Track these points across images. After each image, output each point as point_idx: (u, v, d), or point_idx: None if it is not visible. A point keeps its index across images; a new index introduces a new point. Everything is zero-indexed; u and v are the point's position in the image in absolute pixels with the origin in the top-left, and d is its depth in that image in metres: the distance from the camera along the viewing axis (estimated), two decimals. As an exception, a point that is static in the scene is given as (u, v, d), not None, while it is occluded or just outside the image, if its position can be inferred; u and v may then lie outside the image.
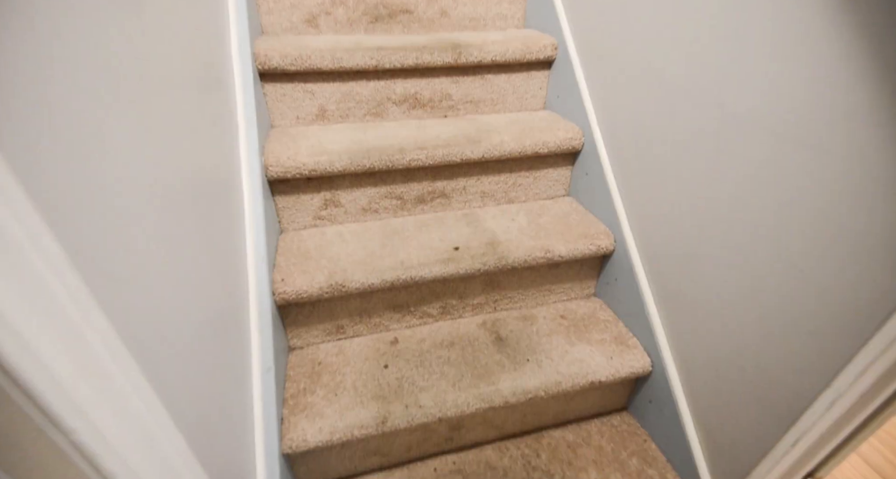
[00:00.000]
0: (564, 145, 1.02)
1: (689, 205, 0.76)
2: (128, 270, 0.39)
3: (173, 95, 0.55)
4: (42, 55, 0.32)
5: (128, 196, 0.41)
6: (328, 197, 0.99)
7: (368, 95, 1.06)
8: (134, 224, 0.41)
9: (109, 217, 0.37)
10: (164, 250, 0.46)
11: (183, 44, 0.60)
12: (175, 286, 0.47)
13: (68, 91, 0.35)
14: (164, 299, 0.44)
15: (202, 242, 0.57)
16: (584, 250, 0.94)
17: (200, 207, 0.58)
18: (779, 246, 0.61)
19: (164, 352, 0.43)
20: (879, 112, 0.47)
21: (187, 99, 0.59)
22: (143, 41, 0.48)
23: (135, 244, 0.40)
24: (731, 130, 0.65)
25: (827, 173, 0.53)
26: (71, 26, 0.36)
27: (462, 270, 0.89)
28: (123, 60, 0.43)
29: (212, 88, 0.71)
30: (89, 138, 0.36)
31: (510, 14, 1.21)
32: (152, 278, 0.43)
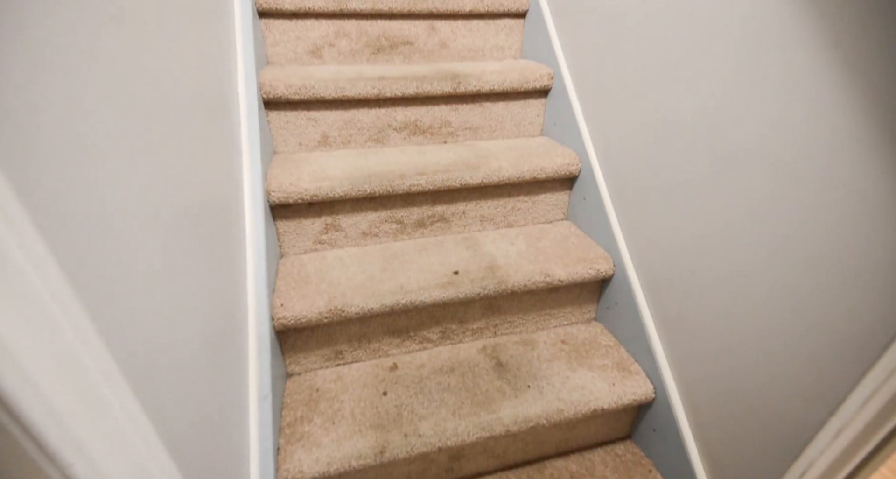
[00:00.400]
0: (562, 171, 1.04)
1: (686, 233, 0.77)
2: (128, 296, 0.39)
3: (180, 122, 0.56)
4: (49, 80, 0.34)
5: (131, 220, 0.41)
6: (329, 221, 0.99)
7: (370, 123, 1.09)
8: (137, 249, 0.41)
9: (112, 242, 0.38)
10: (166, 275, 0.46)
11: (192, 72, 0.63)
12: (175, 313, 0.47)
13: (75, 116, 0.36)
14: (163, 327, 0.44)
15: (203, 267, 0.57)
16: (584, 273, 0.94)
17: (203, 232, 0.59)
18: (779, 274, 0.61)
19: (161, 382, 0.42)
20: (876, 147, 0.49)
21: (194, 125, 0.61)
22: (152, 68, 0.50)
23: (136, 270, 0.41)
24: (729, 164, 0.67)
25: (825, 205, 0.54)
26: (79, 52, 0.38)
27: (462, 294, 0.89)
28: (132, 87, 0.45)
29: (218, 116, 0.73)
30: (95, 163, 0.37)
31: (507, 45, 1.26)
32: (153, 304, 0.43)
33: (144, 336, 0.40)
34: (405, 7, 1.12)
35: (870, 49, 0.48)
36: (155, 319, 0.43)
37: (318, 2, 1.07)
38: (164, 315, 0.45)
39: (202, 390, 0.52)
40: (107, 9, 0.41)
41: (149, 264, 0.43)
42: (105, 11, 0.41)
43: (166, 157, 0.50)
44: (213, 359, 0.57)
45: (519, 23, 1.23)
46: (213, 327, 0.58)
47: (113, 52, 0.42)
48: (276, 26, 1.09)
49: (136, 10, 0.48)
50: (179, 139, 0.55)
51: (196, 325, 0.52)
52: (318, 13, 1.09)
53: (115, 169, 0.40)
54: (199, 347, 0.52)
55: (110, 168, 0.39)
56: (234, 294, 0.69)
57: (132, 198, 0.42)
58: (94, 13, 0.39)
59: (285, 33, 1.11)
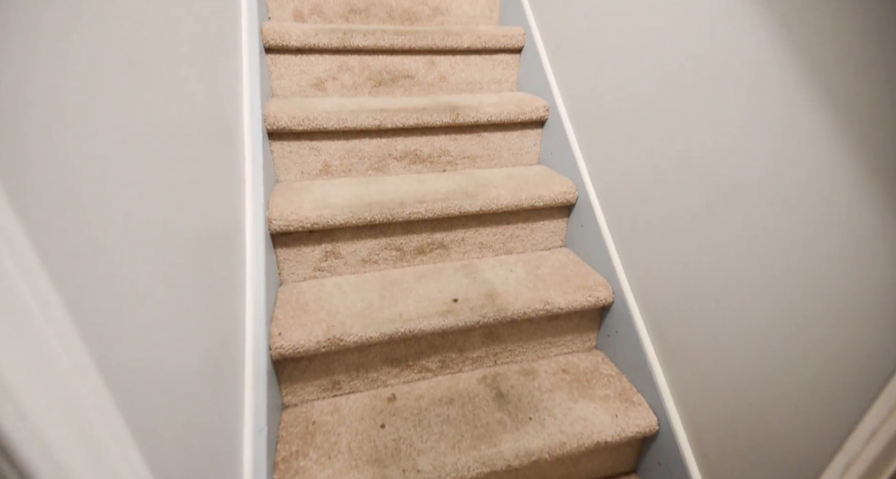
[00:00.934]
0: (559, 199, 1.06)
1: (684, 262, 0.78)
2: (129, 331, 0.39)
3: (187, 155, 0.57)
4: (66, 123, 0.35)
5: (135, 254, 0.42)
6: (329, 249, 1.00)
7: (371, 152, 1.11)
8: (139, 282, 0.42)
9: (116, 276, 0.38)
10: (166, 308, 0.46)
11: (199, 106, 0.65)
12: (174, 346, 0.47)
13: (87, 156, 0.37)
14: (162, 361, 0.44)
15: (203, 298, 0.57)
16: (583, 301, 0.94)
17: (204, 262, 0.59)
18: (779, 305, 0.62)
19: (157, 417, 0.41)
20: (873, 185, 0.50)
21: (199, 157, 0.62)
22: (161, 105, 0.52)
23: (137, 304, 0.41)
24: (727, 198, 0.68)
25: (823, 239, 0.55)
26: (95, 94, 0.39)
27: (461, 322, 0.89)
28: (142, 124, 0.46)
29: (223, 147, 0.75)
30: (104, 200, 0.38)
31: (504, 79, 1.30)
32: (152, 338, 0.43)
33: (142, 371, 0.40)
34: (406, 43, 1.17)
35: (861, 95, 0.50)
36: (154, 353, 0.43)
37: (322, 39, 1.11)
38: (163, 349, 0.44)
39: (197, 424, 0.51)
40: (124, 54, 0.43)
41: (150, 297, 0.43)
42: (122, 56, 0.43)
43: (172, 189, 0.52)
44: (209, 392, 0.56)
45: (515, 58, 1.28)
46: (211, 359, 0.57)
47: (126, 92, 0.43)
48: (281, 61, 1.14)
49: (151, 55, 0.50)
50: (185, 172, 0.56)
51: (194, 357, 0.52)
52: (323, 49, 1.14)
53: (123, 205, 0.40)
54: (195, 380, 0.52)
55: (119, 204, 0.40)
56: (232, 324, 0.68)
57: (138, 232, 0.42)
58: (112, 59, 0.41)
59: (290, 68, 1.15)
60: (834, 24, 0.51)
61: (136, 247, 0.42)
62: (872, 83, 0.48)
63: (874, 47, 0.48)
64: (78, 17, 0.37)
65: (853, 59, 0.50)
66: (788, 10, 0.56)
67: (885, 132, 0.48)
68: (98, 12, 0.40)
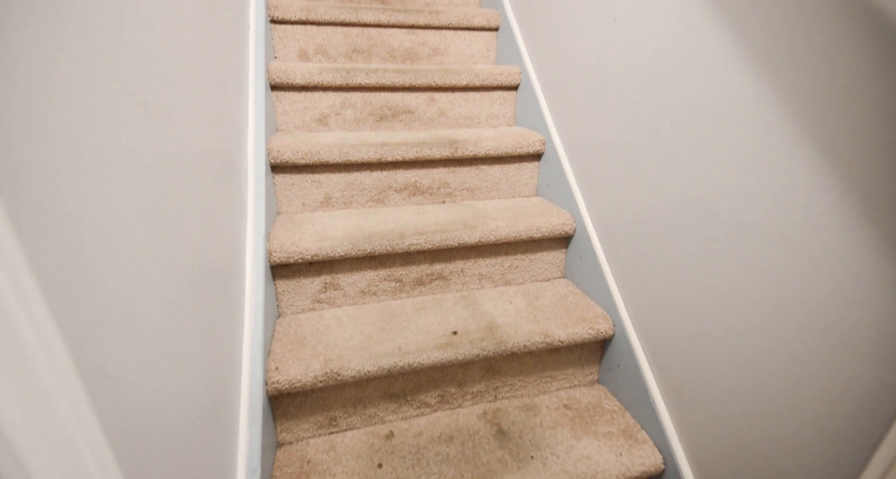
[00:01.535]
0: (557, 230, 1.07)
1: (684, 296, 0.78)
2: (127, 369, 0.38)
3: (191, 189, 0.59)
4: (79, 164, 0.36)
5: (137, 290, 0.42)
6: (328, 280, 1.00)
7: (372, 184, 1.13)
8: (138, 319, 0.41)
9: (116, 315, 0.38)
10: (164, 343, 0.46)
11: (205, 142, 0.67)
12: (170, 382, 0.46)
13: (94, 194, 0.38)
14: (157, 399, 0.43)
15: (201, 332, 0.57)
16: (584, 334, 0.93)
17: (204, 296, 0.59)
18: (779, 341, 0.61)
19: (150, 458, 0.40)
20: (869, 228, 0.52)
21: (203, 190, 0.63)
22: (169, 142, 0.53)
23: (136, 341, 0.41)
24: (725, 234, 0.68)
25: (820, 276, 0.56)
26: (106, 135, 0.41)
27: (461, 355, 0.88)
28: (149, 162, 0.48)
29: (227, 180, 0.76)
30: (109, 238, 0.39)
31: (502, 114, 1.35)
32: (149, 376, 0.42)
33: (138, 411, 0.39)
34: (406, 81, 1.21)
35: (847, 139, 0.52)
36: (150, 391, 0.42)
37: (326, 77, 1.16)
38: (159, 386, 0.44)
39: (190, 465, 0.49)
40: (136, 98, 0.45)
41: (149, 333, 0.43)
42: (134, 99, 0.45)
43: (176, 225, 0.52)
44: (204, 431, 0.54)
45: (512, 94, 1.33)
46: (206, 396, 0.56)
47: (135, 134, 0.45)
48: (286, 98, 1.18)
49: (161, 97, 0.52)
50: (189, 206, 0.57)
51: (190, 394, 0.51)
52: (326, 86, 1.18)
53: (127, 241, 0.41)
54: (190, 418, 0.50)
55: (122, 241, 0.40)
56: (229, 359, 0.67)
57: (140, 268, 0.43)
58: (124, 103, 0.43)
59: (294, 104, 1.19)
60: (826, 78, 0.54)
61: (138, 284, 0.42)
62: (858, 130, 0.51)
63: (860, 99, 0.50)
64: (93, 64, 0.39)
65: (842, 109, 0.52)
66: (785, 69, 0.59)
67: (871, 175, 0.49)
68: (112, 58, 0.42)
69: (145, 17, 0.50)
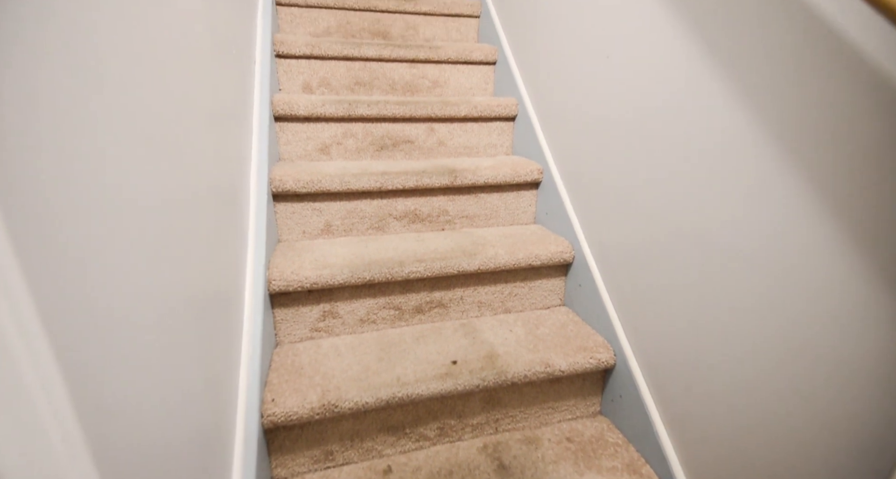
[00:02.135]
0: (556, 258, 1.08)
1: (684, 326, 0.78)
2: (122, 404, 0.38)
3: (192, 218, 0.59)
4: (87, 206, 0.37)
5: (137, 321, 0.42)
6: (327, 309, 0.99)
7: (372, 212, 1.15)
8: (136, 352, 0.41)
9: (114, 349, 0.38)
10: (161, 375, 0.45)
11: (209, 173, 0.68)
12: (165, 418, 0.45)
13: (98, 229, 0.38)
14: (151, 436, 0.42)
15: (199, 363, 0.56)
16: (585, 363, 0.92)
17: (202, 325, 0.59)
18: (781, 373, 0.61)
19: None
20: (865, 260, 0.52)
21: (205, 219, 0.64)
22: (174, 177, 0.54)
23: (134, 373, 0.40)
24: (723, 265, 0.69)
25: (818, 307, 0.56)
26: (113, 169, 0.41)
27: (461, 386, 0.86)
28: (150, 191, 0.49)
29: (229, 209, 0.77)
30: (111, 272, 0.39)
31: (499, 143, 1.38)
32: (144, 411, 0.41)
33: (133, 447, 0.38)
34: (407, 112, 1.25)
35: (840, 174, 0.54)
36: (145, 426, 0.41)
37: (328, 108, 1.19)
38: (155, 420, 0.43)
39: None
40: (142, 132, 0.47)
41: (148, 367, 0.43)
42: (140, 134, 0.46)
43: (177, 256, 0.53)
44: (197, 465, 0.53)
45: (509, 125, 1.37)
46: (202, 430, 0.55)
47: (141, 168, 0.46)
48: (289, 128, 1.21)
49: (168, 130, 0.54)
50: (191, 236, 0.58)
51: (185, 428, 0.50)
52: (329, 118, 1.21)
53: (129, 275, 0.41)
54: (184, 452, 0.49)
55: (124, 276, 0.41)
56: (225, 391, 0.66)
57: (141, 301, 0.43)
58: (131, 137, 0.45)
59: (297, 134, 1.22)
60: (819, 118, 0.56)
61: (139, 318, 0.42)
62: (850, 166, 0.52)
63: (851, 138, 0.52)
64: (107, 107, 0.41)
65: (835, 147, 0.54)
66: (780, 109, 0.62)
67: (864, 209, 0.51)
68: (125, 100, 0.44)
69: (160, 56, 0.53)
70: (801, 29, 0.56)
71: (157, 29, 0.53)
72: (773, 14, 0.59)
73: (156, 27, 0.53)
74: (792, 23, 0.57)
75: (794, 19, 0.56)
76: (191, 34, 0.65)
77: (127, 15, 0.46)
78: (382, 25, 1.53)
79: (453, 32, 1.60)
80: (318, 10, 1.46)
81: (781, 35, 0.58)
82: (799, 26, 0.56)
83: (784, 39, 0.58)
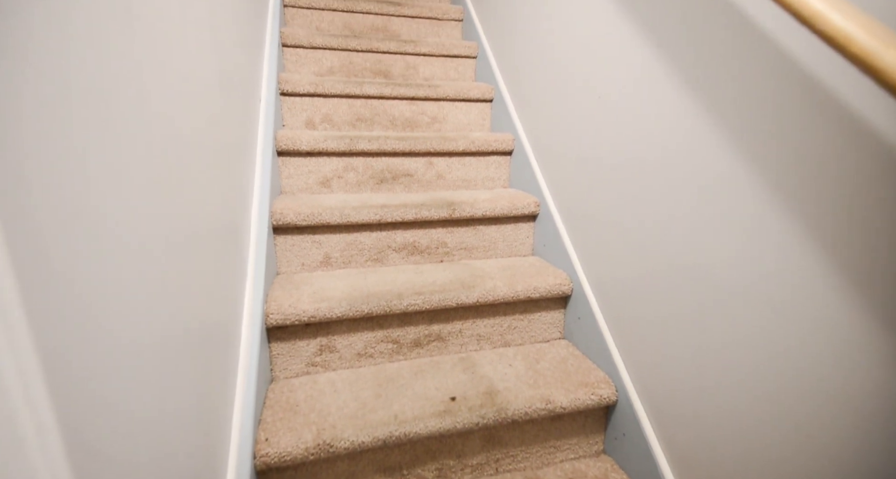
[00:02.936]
0: (554, 291, 1.08)
1: (684, 361, 0.77)
2: (116, 446, 0.37)
3: (193, 253, 0.60)
4: (82, 233, 0.37)
5: (133, 361, 0.41)
6: (324, 342, 0.98)
7: (371, 244, 1.16)
8: (133, 395, 0.41)
9: (111, 390, 0.37)
10: (156, 418, 0.44)
11: (212, 207, 0.69)
12: (159, 458, 0.44)
13: (100, 263, 0.39)
14: (143, 474, 0.41)
15: (193, 402, 0.55)
16: (586, 400, 0.90)
17: (198, 362, 0.58)
18: (781, 409, 0.60)
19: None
20: (858, 297, 0.53)
21: (205, 255, 0.65)
22: (177, 212, 0.55)
23: (130, 416, 0.39)
24: (720, 301, 0.69)
25: (813, 342, 0.56)
26: (116, 209, 0.42)
27: (460, 424, 0.84)
28: (153, 230, 0.49)
29: (229, 243, 0.78)
30: (111, 306, 0.39)
31: (497, 176, 1.41)
32: (138, 451, 0.40)
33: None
34: (406, 147, 1.29)
35: (840, 223, 0.56)
36: (138, 469, 0.40)
37: (330, 144, 1.23)
38: (148, 462, 0.42)
39: (166, 559, 0.45)
40: (151, 175, 0.48)
41: (143, 410, 0.42)
42: (149, 176, 0.48)
43: (176, 293, 0.53)
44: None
45: (506, 159, 1.41)
46: (193, 469, 0.53)
47: (147, 208, 0.47)
48: (291, 163, 1.24)
49: (175, 173, 0.55)
50: (191, 271, 0.58)
51: (174, 471, 0.48)
52: (331, 152, 1.25)
53: (129, 315, 0.41)
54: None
55: (125, 315, 0.41)
56: (218, 429, 0.64)
57: (139, 339, 0.43)
58: (139, 180, 0.46)
59: (299, 168, 1.25)
60: (815, 162, 0.59)
61: (137, 359, 0.42)
62: (841, 208, 0.54)
63: (843, 182, 0.54)
64: (119, 152, 0.42)
65: (828, 190, 0.56)
66: (776, 154, 0.64)
67: (856, 249, 0.52)
68: (135, 146, 0.46)
69: (169, 97, 0.55)
70: (799, 89, 0.59)
71: (166, 70, 0.56)
72: (758, 70, 0.62)
73: (165, 68, 0.55)
74: (777, 81, 0.60)
75: (782, 80, 0.60)
76: (199, 74, 0.68)
77: (136, 56, 0.48)
78: (384, 65, 1.60)
79: (451, 72, 1.67)
80: (323, 51, 1.53)
81: (771, 91, 0.61)
82: (786, 83, 0.59)
83: (776, 97, 0.61)
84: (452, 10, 1.81)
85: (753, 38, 0.62)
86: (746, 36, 0.63)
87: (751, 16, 0.62)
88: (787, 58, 0.58)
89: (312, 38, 1.50)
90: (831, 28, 0.42)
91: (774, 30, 0.59)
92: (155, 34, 0.52)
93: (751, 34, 0.62)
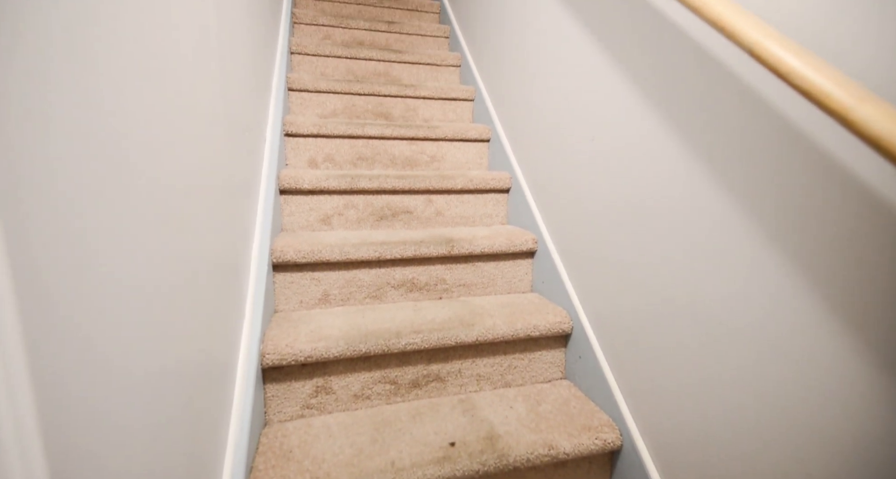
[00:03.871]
0: (554, 329, 1.07)
1: (686, 400, 0.75)
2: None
3: (192, 292, 0.60)
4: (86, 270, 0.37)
5: (125, 404, 0.40)
6: (320, 384, 0.96)
7: (370, 281, 1.15)
8: (127, 442, 0.39)
9: (105, 436, 0.36)
10: (149, 467, 0.43)
11: (212, 246, 0.70)
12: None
13: (102, 302, 0.39)
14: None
15: (185, 451, 0.53)
16: (590, 445, 0.87)
17: (191, 407, 0.56)
18: (785, 449, 0.58)
19: None
20: (854, 339, 0.53)
21: (204, 293, 0.64)
22: (178, 249, 0.56)
23: (128, 463, 0.38)
24: (720, 340, 0.69)
25: (813, 382, 0.56)
26: (118, 250, 0.43)
27: (459, 472, 0.81)
28: (153, 268, 0.50)
29: (228, 282, 0.78)
30: (104, 345, 0.39)
31: (495, 213, 1.44)
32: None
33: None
34: (406, 185, 1.31)
35: (833, 268, 0.57)
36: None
37: (332, 182, 1.26)
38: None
39: None
40: (156, 213, 0.49)
41: (129, 456, 0.40)
42: (154, 215, 0.49)
43: (175, 333, 0.52)
44: None
45: (504, 196, 1.43)
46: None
47: (150, 246, 0.48)
48: (293, 200, 1.26)
49: (178, 212, 0.57)
50: (190, 311, 0.58)
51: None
52: (332, 191, 1.27)
53: (127, 354, 0.41)
54: (155, 564, 0.45)
55: (123, 356, 0.40)
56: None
57: (135, 383, 0.42)
58: (145, 217, 0.47)
59: (301, 205, 1.27)
60: (805, 207, 0.61)
61: (128, 396, 0.41)
62: (833, 252, 0.55)
63: (833, 225, 0.56)
64: (127, 193, 0.44)
65: (820, 234, 0.58)
66: (768, 198, 0.66)
67: (850, 291, 0.52)
68: (144, 184, 0.47)
69: (177, 143, 0.57)
70: (793, 146, 0.62)
71: (175, 114, 0.58)
72: (748, 121, 0.65)
73: (174, 112, 0.58)
74: (772, 143, 0.63)
75: (773, 135, 0.63)
76: (208, 118, 0.71)
77: (146, 102, 0.50)
78: (385, 108, 1.66)
79: (450, 113, 1.74)
80: (327, 94, 1.60)
81: (765, 144, 0.64)
82: (783, 143, 0.62)
83: (771, 150, 0.64)
84: (450, 56, 1.91)
85: (752, 99, 0.65)
86: (745, 97, 0.66)
87: (738, 73, 0.66)
88: (782, 118, 0.61)
89: (317, 83, 1.57)
90: (808, 84, 0.45)
91: (770, 94, 0.63)
92: (166, 88, 0.55)
93: (748, 95, 0.66)
